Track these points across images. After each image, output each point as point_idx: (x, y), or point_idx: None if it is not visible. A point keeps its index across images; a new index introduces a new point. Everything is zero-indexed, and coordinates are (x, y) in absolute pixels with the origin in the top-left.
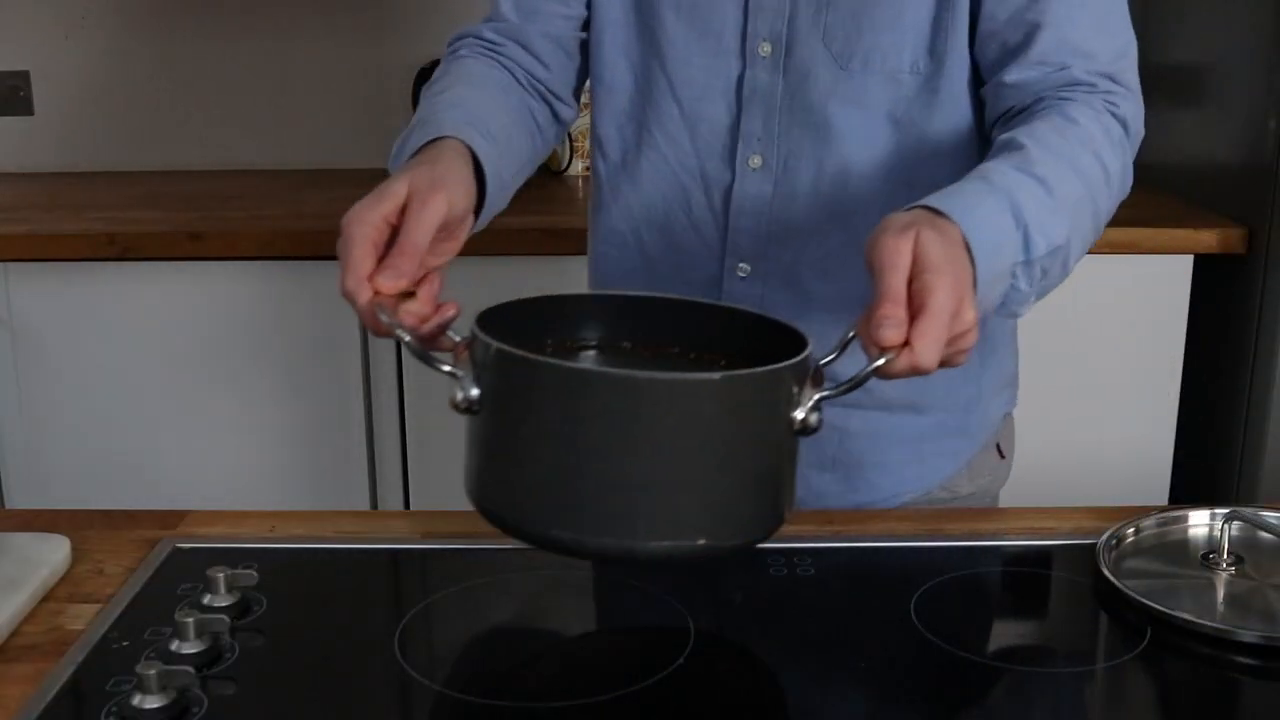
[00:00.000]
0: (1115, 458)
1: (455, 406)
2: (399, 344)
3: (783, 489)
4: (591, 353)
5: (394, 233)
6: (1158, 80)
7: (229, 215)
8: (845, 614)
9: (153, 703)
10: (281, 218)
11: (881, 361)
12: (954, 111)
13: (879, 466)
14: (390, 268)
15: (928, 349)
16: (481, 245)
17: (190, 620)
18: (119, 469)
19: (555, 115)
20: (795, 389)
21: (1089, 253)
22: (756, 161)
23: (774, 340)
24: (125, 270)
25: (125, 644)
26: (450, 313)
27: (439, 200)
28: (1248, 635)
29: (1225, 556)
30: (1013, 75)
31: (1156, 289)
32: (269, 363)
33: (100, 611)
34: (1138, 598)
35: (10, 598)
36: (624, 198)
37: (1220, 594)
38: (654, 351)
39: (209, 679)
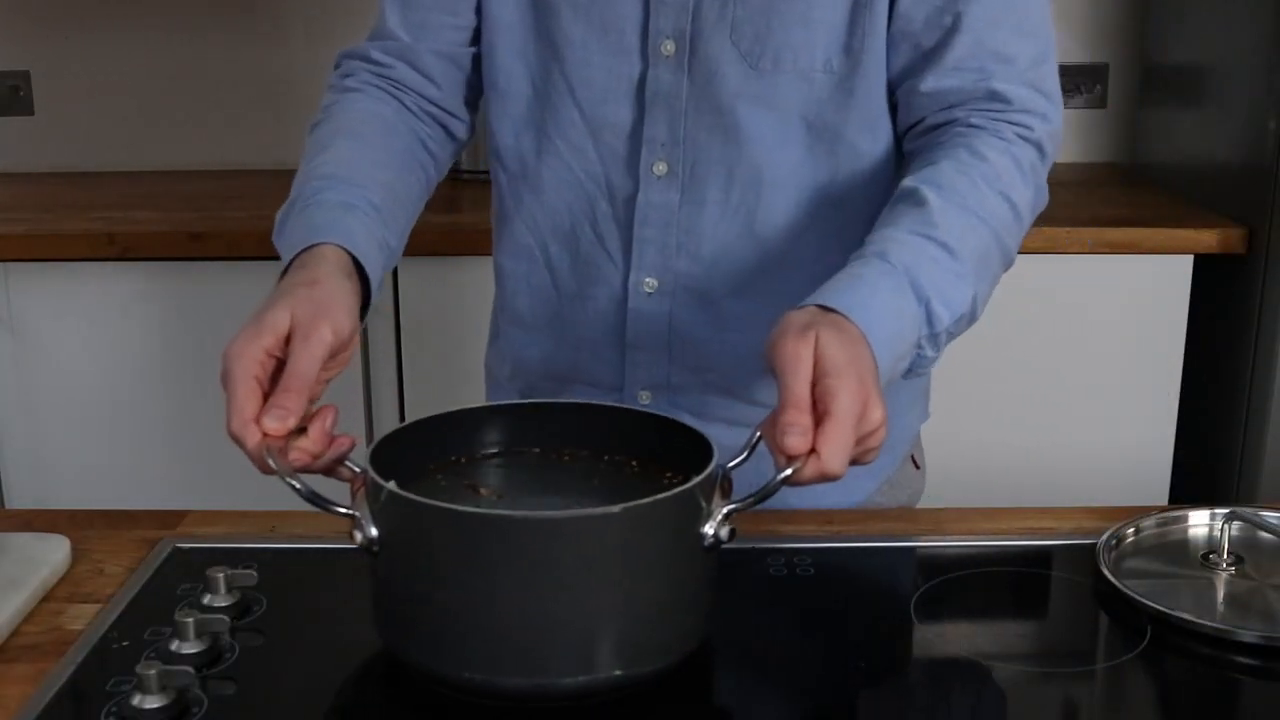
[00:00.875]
0: (1115, 458)
1: (357, 546)
2: (399, 343)
3: (699, 608)
4: (498, 461)
5: (278, 364)
6: (1158, 80)
7: (229, 215)
8: (845, 614)
9: (152, 703)
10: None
11: (789, 471)
12: (872, 114)
13: (799, 489)
14: (277, 408)
15: (834, 455)
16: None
17: (190, 620)
18: (119, 468)
19: (450, 134)
20: (704, 504)
21: (1089, 253)
22: (661, 168)
23: (681, 438)
24: (125, 270)
25: (125, 644)
26: (344, 447)
27: (323, 330)
28: (1248, 635)
29: (1225, 556)
30: (929, 83)
31: (1156, 289)
32: None
33: (100, 611)
34: (1138, 598)
35: (10, 598)
36: (527, 209)
37: (1220, 594)
38: (563, 455)
39: (209, 679)
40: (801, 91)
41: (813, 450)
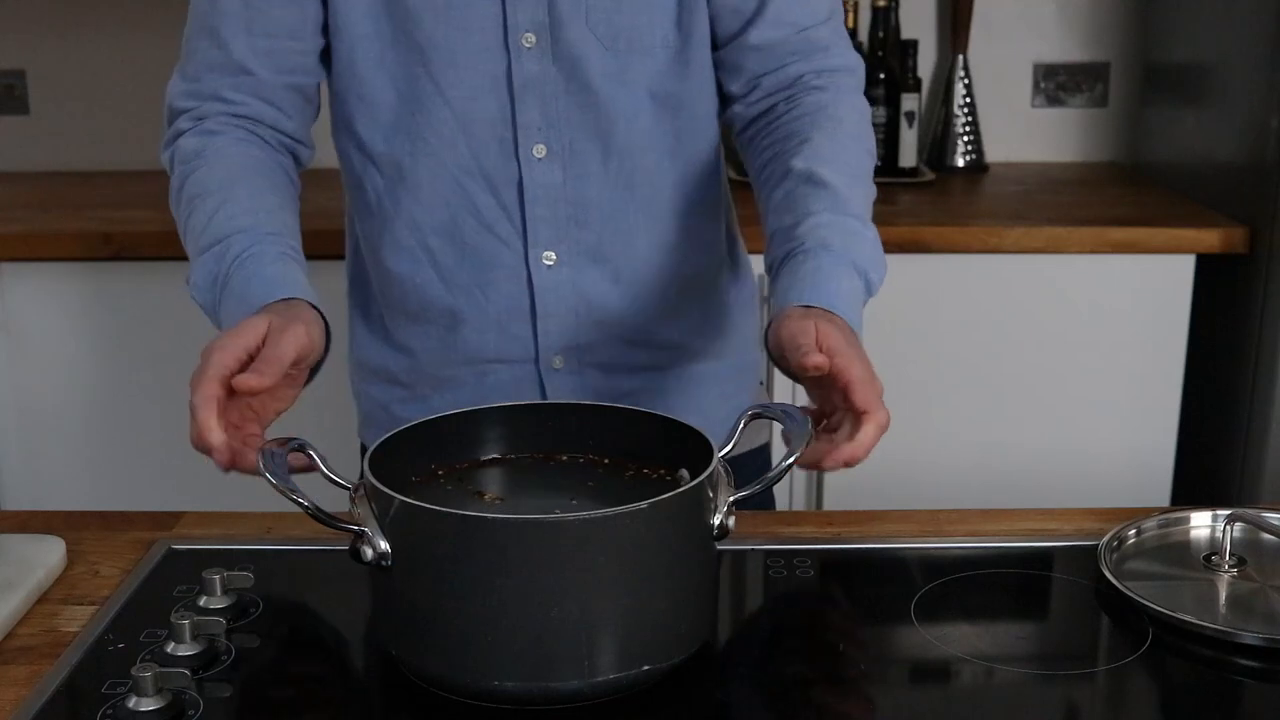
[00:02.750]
0: (1117, 458)
1: (366, 562)
2: None
3: (705, 604)
4: (496, 465)
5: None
6: (1160, 79)
7: None
8: (845, 614)
9: (148, 705)
10: None
11: (790, 460)
12: (702, 79)
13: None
14: (255, 372)
15: (876, 407)
16: None
17: (186, 622)
18: (114, 469)
19: (298, 161)
20: (711, 495)
21: (1091, 253)
22: (541, 150)
23: (667, 433)
24: (121, 270)
25: (121, 646)
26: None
27: (298, 329)
28: (1249, 637)
29: (1227, 558)
30: (755, 36)
31: (1159, 289)
32: None
33: (96, 613)
34: (1140, 599)
35: (5, 599)
36: (405, 210)
37: (1222, 596)
38: (558, 456)
39: (205, 681)
40: (648, 66)
41: (858, 421)
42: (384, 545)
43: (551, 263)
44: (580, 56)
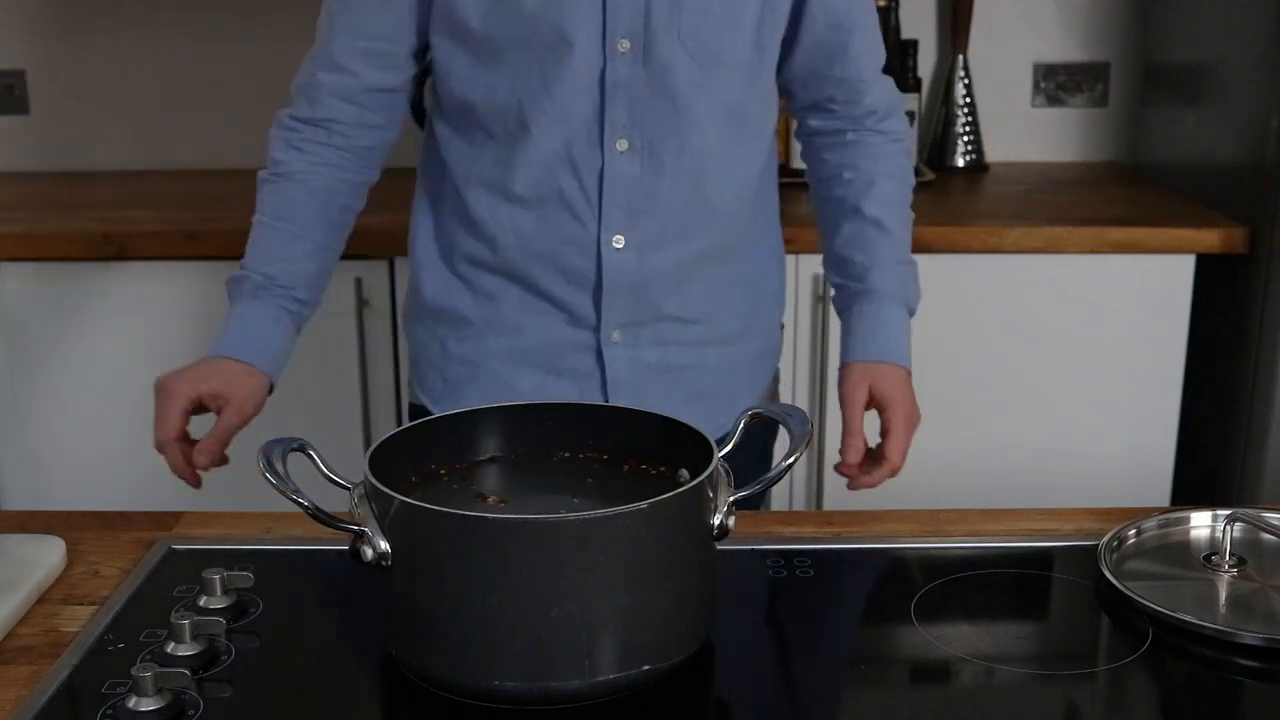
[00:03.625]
0: (1117, 458)
1: (367, 562)
2: (395, 345)
3: (705, 603)
4: (496, 465)
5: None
6: (1160, 79)
7: (225, 215)
8: (845, 614)
9: (148, 705)
10: None
11: (791, 460)
12: (765, 92)
13: (727, 391)
14: (206, 451)
15: (897, 455)
16: None
17: (186, 622)
18: (114, 470)
19: (365, 182)
20: (711, 495)
21: (1091, 252)
22: (623, 145)
23: (665, 432)
24: (121, 270)
25: (121, 646)
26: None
27: (248, 409)
28: (1249, 637)
29: (1227, 558)
30: (839, 70)
31: (1159, 289)
32: None
33: (96, 613)
34: (1140, 599)
35: (5, 600)
36: (500, 183)
37: (1222, 595)
38: (558, 456)
39: (205, 681)
40: (726, 79)
41: (882, 457)
42: (384, 545)
43: (620, 246)
44: (669, 65)
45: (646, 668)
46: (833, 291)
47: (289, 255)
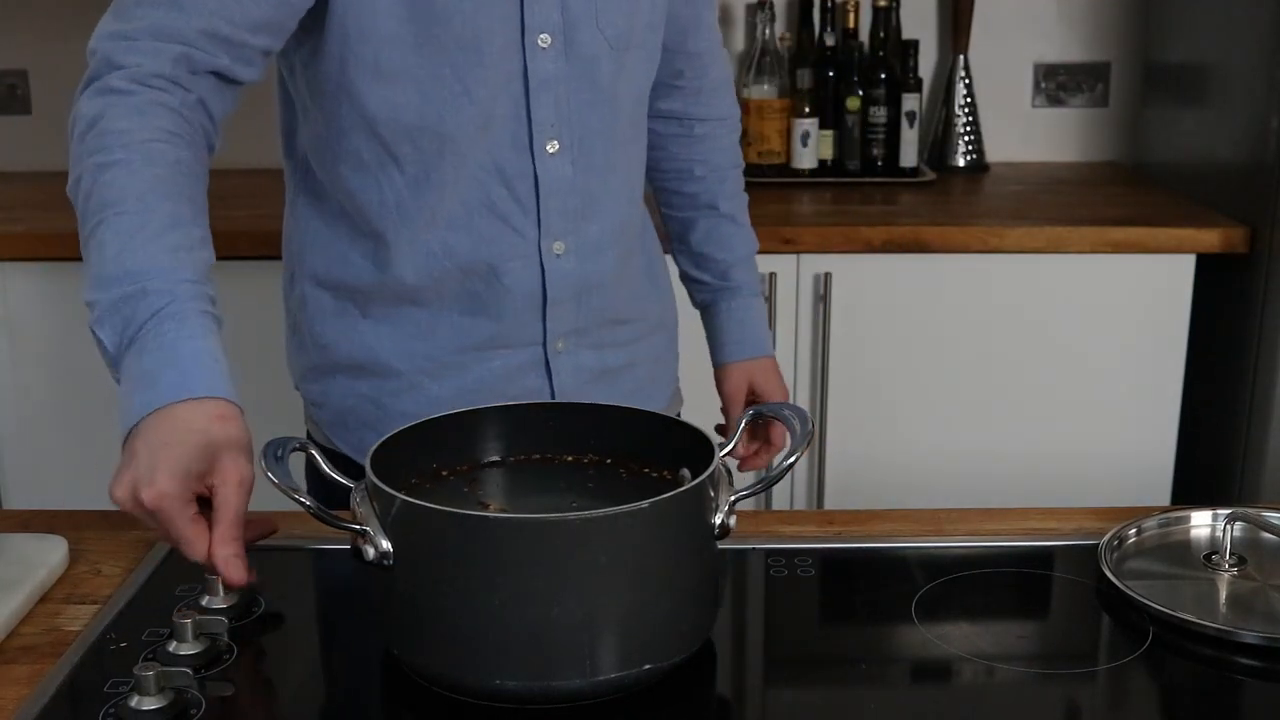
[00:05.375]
0: (1117, 458)
1: (368, 561)
2: None
3: (707, 603)
4: (497, 466)
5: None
6: (1160, 79)
7: (228, 215)
8: (846, 614)
9: (150, 704)
10: (280, 218)
11: (792, 459)
12: (653, 69)
13: (652, 385)
14: (236, 558)
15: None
16: None
17: (188, 621)
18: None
19: (211, 151)
20: (713, 494)
21: (1091, 252)
22: (554, 146)
23: (670, 433)
24: None
25: (123, 645)
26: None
27: (247, 472)
28: (1250, 636)
29: (1227, 557)
30: (692, 44)
31: (1159, 288)
32: (266, 362)
33: (98, 612)
34: (1140, 598)
35: (8, 599)
36: (427, 207)
37: (1222, 595)
38: (559, 457)
39: (207, 680)
40: (637, 66)
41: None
42: (385, 544)
43: (560, 253)
44: (592, 57)
45: (648, 667)
46: (691, 287)
47: (177, 243)
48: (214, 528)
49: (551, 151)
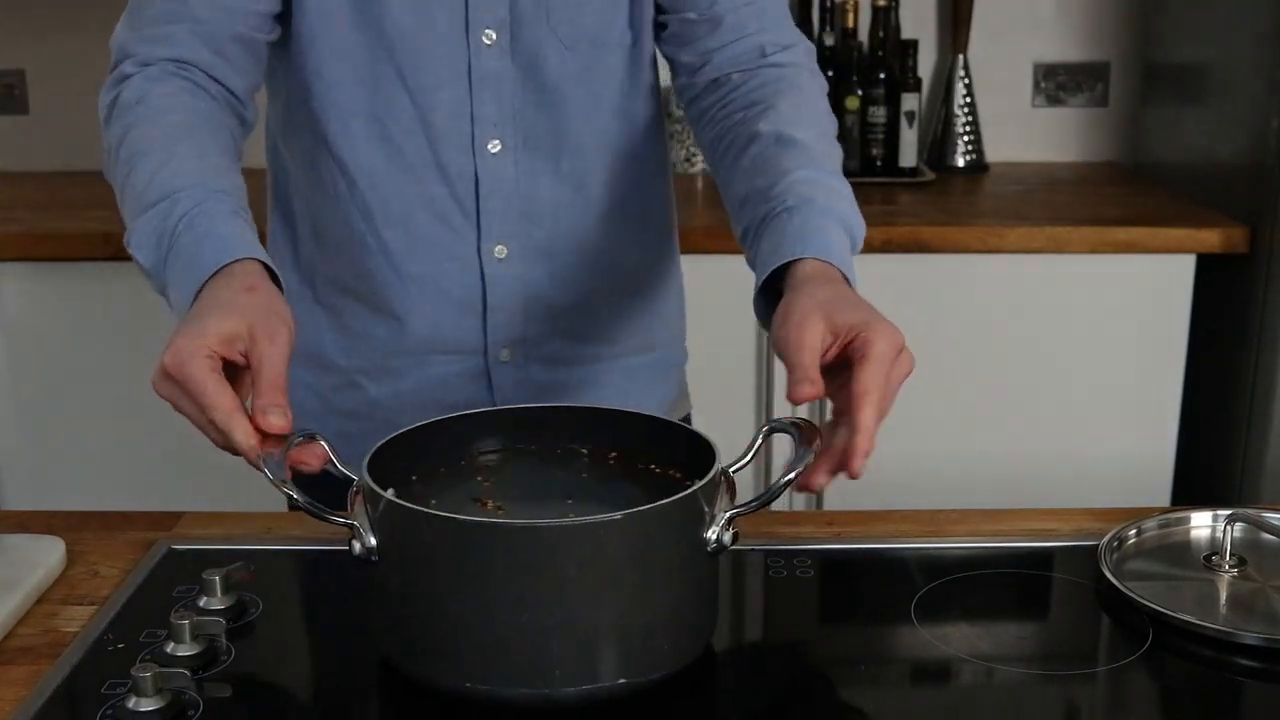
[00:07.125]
0: (1117, 458)
1: (356, 555)
2: None
3: (702, 615)
4: (496, 467)
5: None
6: (1160, 79)
7: None
8: (845, 615)
9: (148, 705)
10: None
11: (793, 475)
12: (645, 79)
13: (628, 403)
14: (274, 405)
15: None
16: None
17: (186, 622)
18: (114, 469)
19: (242, 124)
20: (707, 508)
21: (1091, 253)
22: (496, 146)
23: (682, 439)
24: (121, 270)
25: (120, 646)
26: (321, 451)
27: (283, 332)
28: (1250, 637)
29: (1228, 558)
30: (712, 8)
31: (1159, 288)
32: None
33: (95, 613)
34: (1140, 599)
35: (5, 599)
36: (361, 198)
37: (1223, 596)
38: (562, 458)
39: (204, 681)
40: (606, 66)
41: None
42: (372, 541)
43: (503, 257)
44: (540, 56)
45: (622, 681)
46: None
47: (203, 167)
48: (254, 383)
49: (494, 151)
